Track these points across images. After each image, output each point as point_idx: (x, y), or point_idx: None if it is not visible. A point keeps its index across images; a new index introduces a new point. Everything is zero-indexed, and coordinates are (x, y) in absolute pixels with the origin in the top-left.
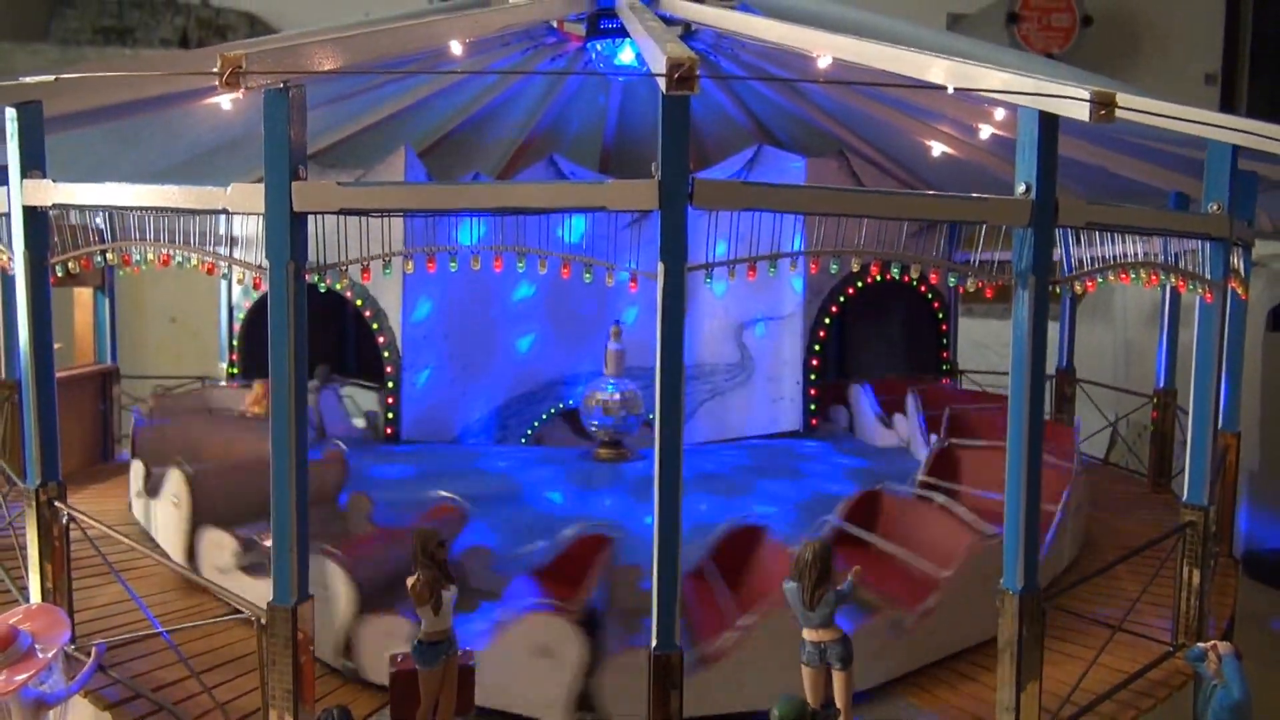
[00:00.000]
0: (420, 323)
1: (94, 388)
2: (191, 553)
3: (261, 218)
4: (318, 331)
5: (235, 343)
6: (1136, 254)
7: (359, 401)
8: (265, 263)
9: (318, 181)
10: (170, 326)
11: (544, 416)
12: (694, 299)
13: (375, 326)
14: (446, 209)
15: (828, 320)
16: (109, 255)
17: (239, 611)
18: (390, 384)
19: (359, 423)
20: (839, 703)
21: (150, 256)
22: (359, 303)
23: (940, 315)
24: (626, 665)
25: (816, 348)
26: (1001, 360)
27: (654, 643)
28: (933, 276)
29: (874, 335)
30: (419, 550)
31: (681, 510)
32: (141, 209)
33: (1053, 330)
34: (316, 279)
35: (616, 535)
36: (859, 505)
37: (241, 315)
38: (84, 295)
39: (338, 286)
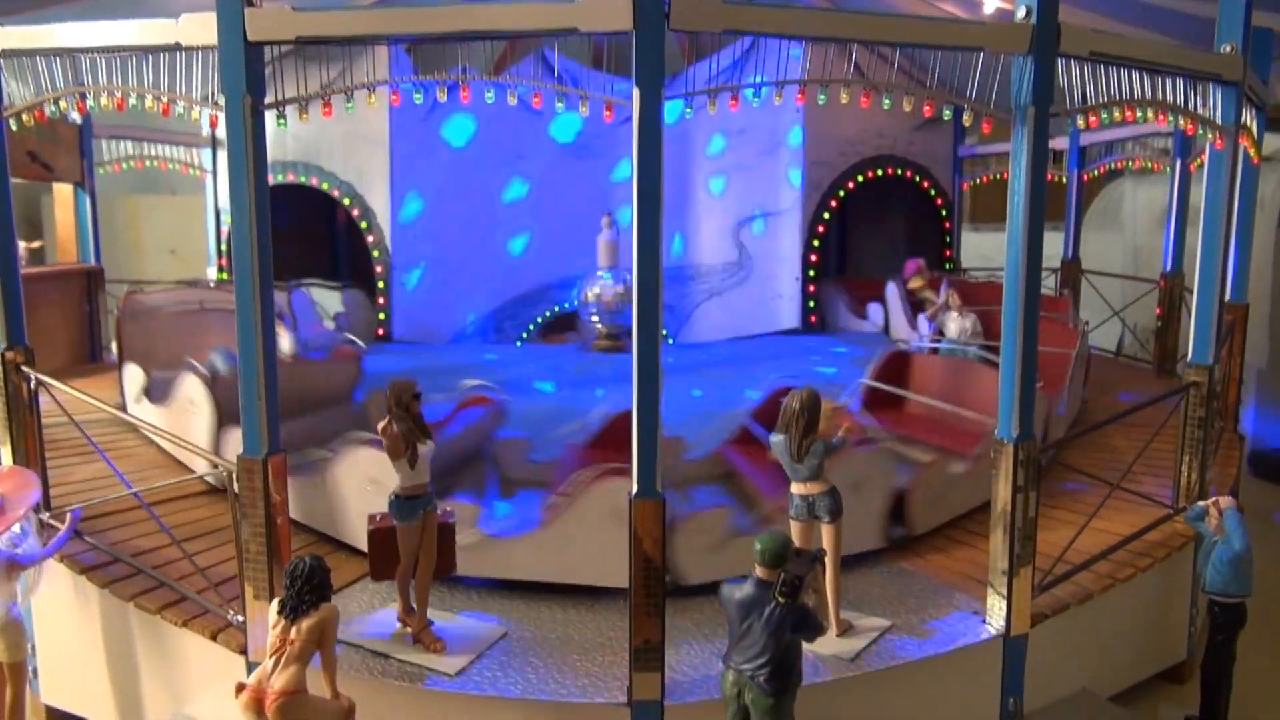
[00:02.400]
0: (410, 222)
1: (78, 287)
2: (122, 390)
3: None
4: (307, 235)
5: (224, 247)
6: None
7: (325, 305)
8: (220, 99)
9: (272, 8)
10: (170, 258)
11: (540, 319)
12: (691, 197)
13: (364, 225)
14: (410, 33)
15: (827, 216)
16: (62, 103)
17: (195, 477)
18: (381, 284)
19: (328, 324)
20: (829, 556)
21: (105, 102)
22: (346, 201)
23: (944, 213)
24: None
25: (815, 244)
26: None
27: (634, 489)
28: (933, 109)
29: (876, 232)
30: (393, 402)
31: (660, 359)
32: (93, 51)
33: (1055, 237)
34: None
35: (501, 397)
36: (770, 403)
37: (229, 219)
38: (64, 193)
39: (325, 186)
